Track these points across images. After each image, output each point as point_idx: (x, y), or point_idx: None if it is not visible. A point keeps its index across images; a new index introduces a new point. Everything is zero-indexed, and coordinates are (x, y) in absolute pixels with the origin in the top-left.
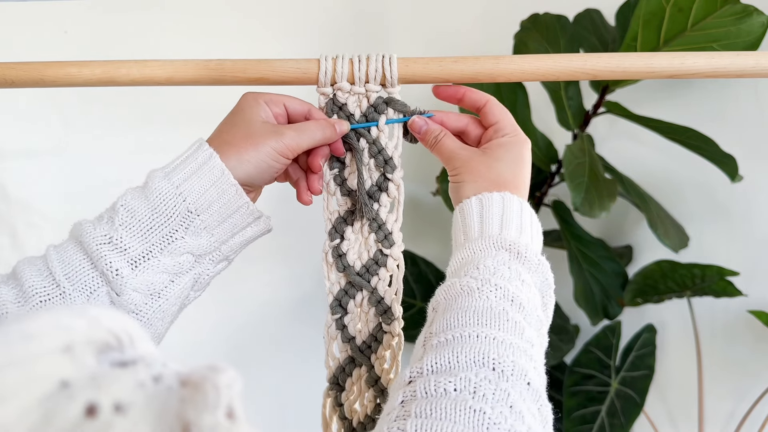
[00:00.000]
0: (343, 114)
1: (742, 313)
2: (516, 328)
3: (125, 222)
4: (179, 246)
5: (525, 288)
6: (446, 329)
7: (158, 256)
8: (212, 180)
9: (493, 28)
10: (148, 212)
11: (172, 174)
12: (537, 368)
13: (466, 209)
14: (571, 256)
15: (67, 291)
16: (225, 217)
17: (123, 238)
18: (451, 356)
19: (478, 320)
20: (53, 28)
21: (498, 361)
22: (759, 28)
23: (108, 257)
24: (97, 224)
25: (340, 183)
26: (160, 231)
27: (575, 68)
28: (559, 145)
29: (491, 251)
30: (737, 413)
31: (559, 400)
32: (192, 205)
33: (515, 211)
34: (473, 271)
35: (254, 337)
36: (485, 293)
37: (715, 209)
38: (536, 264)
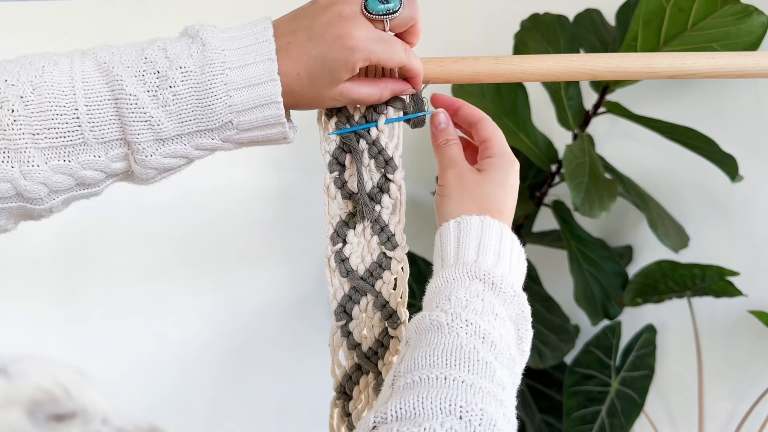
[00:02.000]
0: (342, 115)
1: (743, 313)
2: (486, 370)
3: (169, 106)
4: (208, 143)
5: (498, 323)
6: (413, 369)
7: (186, 144)
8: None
9: (493, 28)
10: (194, 105)
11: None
12: (506, 414)
13: (444, 233)
14: (572, 256)
15: (90, 142)
16: (258, 140)
17: (162, 122)
18: (416, 402)
19: (447, 360)
20: (53, 28)
21: (466, 409)
22: (759, 28)
23: (142, 136)
24: (139, 92)
25: (340, 186)
26: (198, 125)
27: (575, 69)
28: (560, 145)
29: (465, 281)
30: (737, 413)
31: (559, 400)
32: (236, 120)
33: (494, 237)
34: (444, 304)
35: (255, 337)
36: (455, 329)
37: (716, 209)
38: (511, 296)
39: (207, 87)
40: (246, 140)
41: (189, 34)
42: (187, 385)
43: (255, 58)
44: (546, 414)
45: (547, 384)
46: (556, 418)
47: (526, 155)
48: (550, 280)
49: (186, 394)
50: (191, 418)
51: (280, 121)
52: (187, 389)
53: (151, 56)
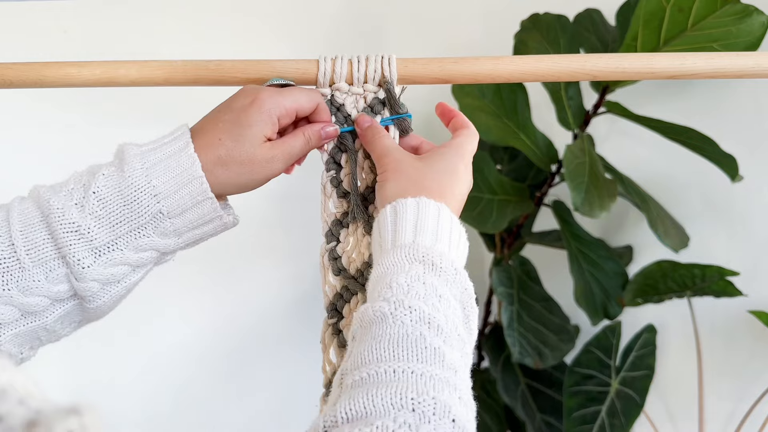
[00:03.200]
0: (341, 115)
1: (743, 313)
2: (435, 356)
3: (95, 212)
4: (145, 242)
5: (443, 304)
6: (360, 366)
7: (123, 249)
8: (190, 191)
9: (493, 28)
10: (119, 204)
11: (151, 171)
12: (462, 398)
13: (381, 219)
14: (572, 256)
15: (27, 267)
16: (196, 226)
17: (91, 229)
18: (365, 400)
19: (393, 352)
20: (53, 28)
21: (417, 400)
22: (759, 28)
23: (73, 246)
24: (66, 206)
25: (336, 185)
26: (129, 225)
27: (575, 69)
28: (560, 145)
29: (405, 265)
30: (737, 413)
31: (559, 400)
32: (165, 207)
33: (431, 216)
34: (386, 292)
35: (254, 337)
36: (399, 318)
37: (716, 209)
38: (453, 275)
39: (129, 183)
40: (183, 228)
41: (114, 154)
42: (187, 385)
43: (172, 145)
44: (546, 414)
45: (547, 384)
46: (556, 418)
47: (526, 155)
48: (550, 280)
49: (186, 393)
50: (191, 417)
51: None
52: (187, 389)
53: (77, 176)
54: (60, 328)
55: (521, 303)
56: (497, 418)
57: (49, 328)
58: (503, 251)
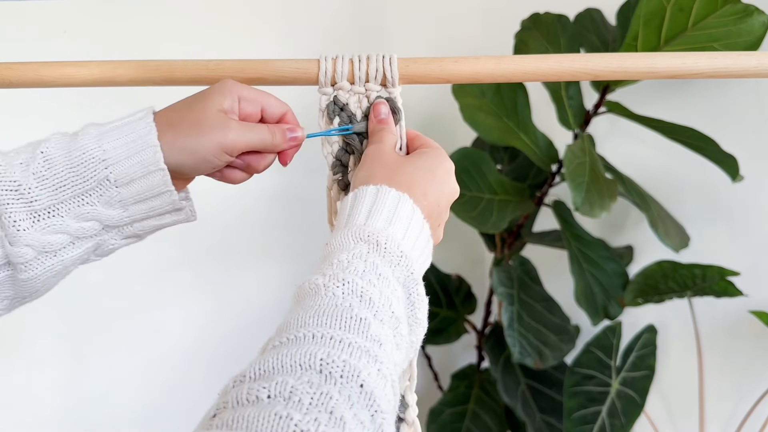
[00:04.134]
0: (344, 115)
1: (743, 313)
2: (360, 325)
3: (39, 171)
4: (88, 211)
5: (381, 282)
6: (283, 331)
7: (64, 216)
8: (141, 159)
9: (494, 27)
10: (66, 167)
11: (104, 136)
12: (382, 371)
13: (342, 205)
14: (572, 256)
15: None
16: (144, 198)
17: (32, 189)
18: (275, 360)
19: (318, 319)
20: (53, 28)
21: (326, 361)
22: (760, 27)
23: (11, 206)
24: (10, 163)
25: (343, 188)
26: (73, 190)
27: (577, 69)
28: (560, 144)
29: (350, 244)
30: (738, 413)
31: (559, 400)
32: (113, 174)
33: (389, 203)
34: (326, 268)
35: (255, 337)
36: (331, 290)
37: (716, 209)
38: (398, 257)
39: (79, 146)
40: (129, 200)
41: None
42: (188, 386)
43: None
44: (546, 414)
45: (548, 384)
46: (557, 419)
47: (526, 155)
48: (551, 280)
49: (186, 394)
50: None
51: (160, 167)
52: (187, 389)
53: (31, 142)
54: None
55: (521, 303)
56: (497, 418)
57: None
58: (503, 251)
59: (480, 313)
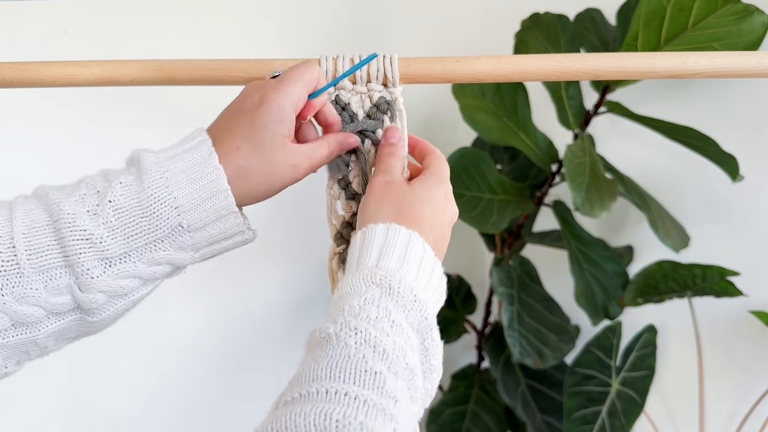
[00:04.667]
0: (346, 114)
1: (743, 313)
2: (375, 380)
3: (110, 221)
4: (161, 256)
5: (395, 331)
6: (295, 386)
7: (136, 262)
8: (213, 204)
9: (494, 27)
10: (137, 216)
11: (172, 181)
12: (397, 430)
13: (351, 245)
14: (572, 256)
15: (26, 272)
16: (216, 240)
17: (104, 239)
18: (288, 420)
19: (331, 373)
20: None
21: (343, 423)
22: (760, 27)
23: (84, 256)
24: (78, 212)
25: (344, 186)
26: (146, 238)
27: (577, 68)
28: (560, 144)
29: (361, 288)
30: (738, 413)
31: (559, 400)
32: (185, 221)
33: (400, 243)
34: (337, 314)
35: (255, 337)
36: (343, 339)
37: (716, 209)
38: (411, 302)
39: (149, 194)
40: (203, 243)
41: (128, 160)
42: (187, 385)
43: (193, 154)
44: (546, 414)
45: (548, 384)
46: (557, 419)
47: (526, 155)
48: (551, 280)
49: (186, 394)
50: (191, 418)
51: (232, 210)
52: (187, 389)
53: (90, 181)
54: (52, 344)
55: (521, 303)
56: (497, 418)
57: (40, 343)
58: (503, 251)
59: (480, 313)
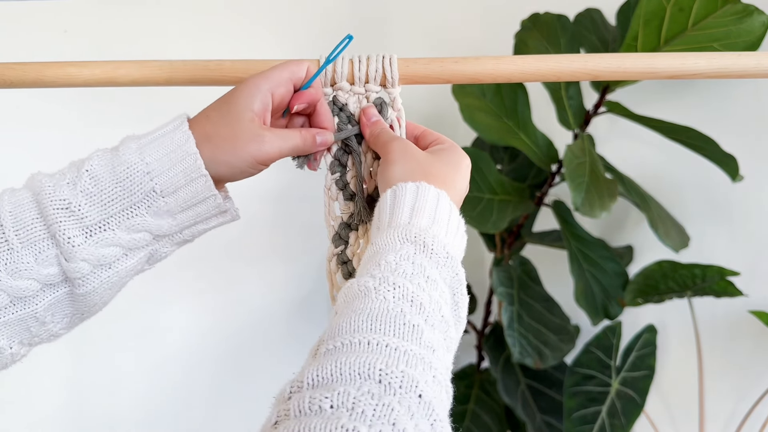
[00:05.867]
0: (344, 115)
1: (743, 313)
2: (414, 333)
3: (87, 189)
4: (138, 222)
5: (429, 285)
6: (335, 335)
7: (115, 229)
8: (184, 167)
9: (494, 27)
10: (112, 182)
11: (145, 149)
12: (437, 377)
13: (381, 202)
14: (572, 256)
15: (15, 247)
16: (190, 205)
17: (82, 206)
18: (333, 368)
19: (371, 325)
20: (53, 28)
21: (385, 372)
22: (760, 27)
23: (63, 224)
24: (58, 184)
25: (342, 187)
26: (121, 203)
27: (576, 69)
28: (560, 144)
29: (396, 244)
30: (738, 413)
31: (559, 400)
32: (158, 185)
33: (430, 200)
34: (374, 269)
35: (255, 337)
36: (382, 293)
37: (716, 209)
38: (444, 258)
39: (122, 161)
40: (177, 208)
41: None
42: (187, 385)
43: (166, 127)
44: (546, 414)
45: (548, 384)
46: (557, 419)
47: (526, 155)
48: (551, 280)
49: (186, 394)
50: (191, 418)
51: (201, 173)
52: (187, 389)
53: (74, 161)
54: (51, 319)
55: (521, 303)
56: (497, 418)
57: (39, 317)
58: (503, 251)
59: (480, 313)
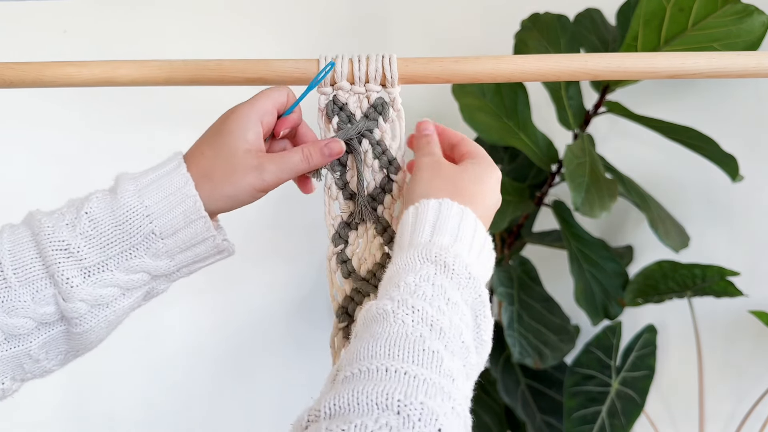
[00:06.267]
0: (343, 114)
1: (743, 313)
2: (433, 360)
3: (86, 231)
4: (137, 264)
5: (450, 308)
6: (354, 361)
7: (113, 270)
8: (183, 210)
9: (494, 27)
10: (111, 225)
11: (143, 191)
12: (455, 408)
13: (403, 219)
14: (572, 256)
15: (13, 285)
16: (189, 246)
17: (81, 248)
18: (350, 397)
19: (389, 351)
20: (52, 28)
21: (404, 403)
22: (760, 27)
23: (62, 264)
24: (57, 224)
25: (342, 187)
26: (120, 246)
27: (576, 68)
28: (560, 144)
29: (416, 265)
30: (738, 413)
31: (559, 400)
32: (158, 228)
33: (453, 217)
34: (393, 291)
35: (255, 337)
36: (400, 317)
37: (716, 209)
38: (466, 278)
39: (121, 203)
40: (175, 249)
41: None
42: (187, 385)
43: (164, 167)
44: (546, 414)
45: (548, 384)
46: (557, 419)
47: (526, 155)
48: (551, 280)
49: (186, 394)
50: (191, 418)
51: (201, 215)
52: (186, 389)
53: (72, 200)
54: (44, 357)
55: (521, 303)
56: (497, 418)
57: (33, 355)
58: (503, 251)
59: None
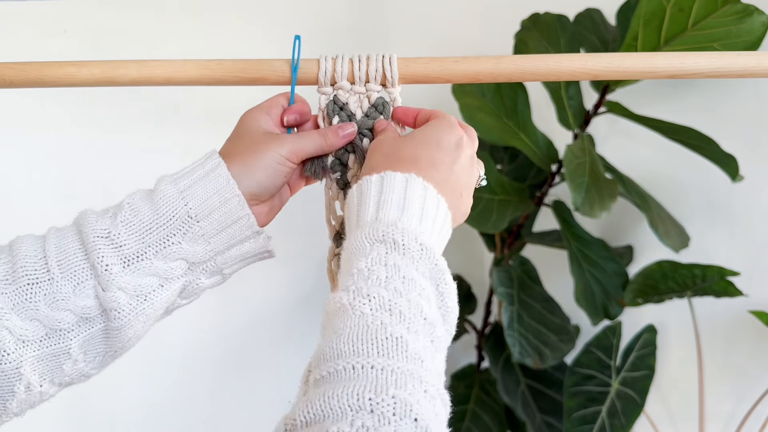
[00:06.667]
0: (344, 114)
1: (743, 313)
2: (398, 346)
3: (127, 219)
4: (174, 251)
5: (407, 287)
6: (321, 363)
7: (152, 258)
8: (216, 188)
9: (494, 27)
10: (150, 213)
11: (179, 179)
12: (429, 390)
13: (348, 202)
14: (572, 256)
15: (56, 277)
16: (224, 227)
17: (121, 235)
18: (323, 403)
19: (353, 347)
20: (53, 28)
21: (376, 400)
22: (760, 27)
23: (102, 251)
24: (100, 217)
25: (342, 186)
26: (158, 233)
27: (576, 68)
28: (560, 144)
29: (365, 247)
30: (738, 414)
31: (559, 400)
32: (193, 210)
33: (397, 188)
34: (347, 280)
35: (255, 337)
36: (358, 308)
37: (716, 209)
38: (418, 251)
39: (159, 191)
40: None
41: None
42: (187, 385)
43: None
44: (546, 414)
45: (548, 384)
46: (557, 419)
47: (526, 155)
48: (551, 280)
49: (186, 393)
50: (192, 417)
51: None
52: (187, 389)
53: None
54: (83, 358)
55: (521, 303)
56: (497, 418)
57: (73, 354)
58: (503, 251)
59: (480, 313)
